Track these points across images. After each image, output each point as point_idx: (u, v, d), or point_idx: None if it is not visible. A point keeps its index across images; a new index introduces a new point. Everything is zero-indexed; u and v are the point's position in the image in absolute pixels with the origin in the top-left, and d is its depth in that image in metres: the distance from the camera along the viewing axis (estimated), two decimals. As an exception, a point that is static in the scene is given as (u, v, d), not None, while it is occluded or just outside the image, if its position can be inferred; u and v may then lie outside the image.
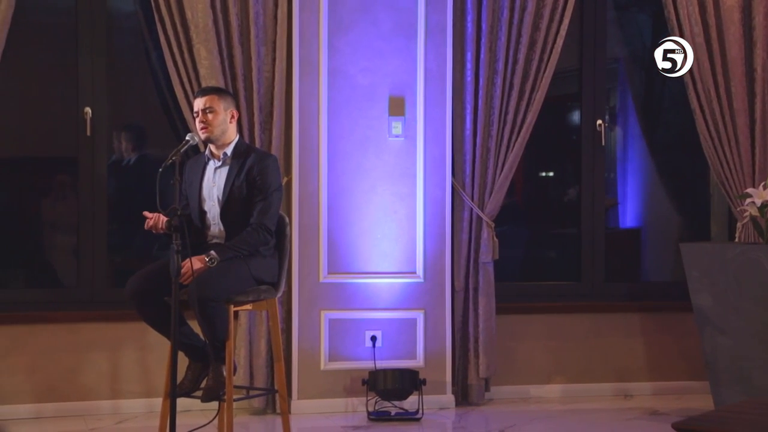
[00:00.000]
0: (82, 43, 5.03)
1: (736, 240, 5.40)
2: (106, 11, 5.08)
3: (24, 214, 5.39)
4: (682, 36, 5.33)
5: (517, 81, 5.18)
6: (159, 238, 5.26)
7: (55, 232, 5.40)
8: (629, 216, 6.25)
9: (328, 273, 5.03)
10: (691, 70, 5.34)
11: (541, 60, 5.20)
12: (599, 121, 5.60)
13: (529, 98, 5.20)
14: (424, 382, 4.97)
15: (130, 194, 5.41)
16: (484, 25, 5.15)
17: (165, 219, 3.94)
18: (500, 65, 5.17)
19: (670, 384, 5.54)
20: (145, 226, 4.04)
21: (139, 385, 4.98)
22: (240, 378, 4.85)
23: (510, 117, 5.19)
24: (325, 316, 5.03)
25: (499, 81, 5.17)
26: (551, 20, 5.21)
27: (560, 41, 5.21)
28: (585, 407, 5.25)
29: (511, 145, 5.21)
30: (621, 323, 5.54)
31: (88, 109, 5.01)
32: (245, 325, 4.95)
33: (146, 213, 4.04)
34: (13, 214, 5.38)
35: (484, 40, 5.15)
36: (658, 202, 6.28)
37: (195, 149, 4.32)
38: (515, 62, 5.19)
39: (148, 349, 4.93)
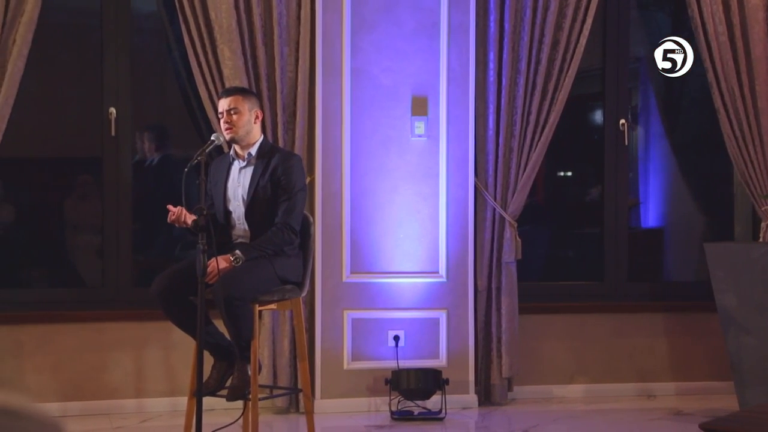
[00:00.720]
0: (106, 44, 5.06)
1: (761, 240, 5.37)
2: (130, 12, 5.10)
3: (49, 214, 5.43)
4: (705, 35, 5.31)
5: (539, 81, 5.18)
6: (182, 237, 5.28)
7: (80, 232, 5.43)
8: (651, 216, 6.23)
9: (351, 273, 5.04)
10: (714, 69, 5.32)
11: (564, 60, 5.19)
12: (622, 121, 5.58)
13: (552, 98, 5.20)
14: (447, 381, 4.96)
15: (153, 194, 5.43)
16: (506, 25, 5.14)
17: (188, 214, 3.96)
18: (523, 65, 5.16)
19: (694, 384, 5.52)
20: (168, 219, 4.04)
21: (163, 384, 5.00)
22: (263, 377, 4.86)
23: (533, 117, 5.19)
24: (348, 315, 5.04)
25: (521, 81, 5.17)
26: (574, 20, 5.20)
27: (583, 41, 5.20)
28: (608, 407, 5.23)
29: (534, 144, 5.20)
30: (644, 323, 5.53)
31: (112, 110, 5.03)
32: (268, 324, 4.96)
33: (170, 206, 4.03)
34: (38, 214, 5.42)
35: (506, 40, 5.15)
36: (681, 202, 6.25)
37: (219, 149, 4.33)
38: (538, 62, 5.18)
39: (172, 348, 4.95)
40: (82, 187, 5.38)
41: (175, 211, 4.00)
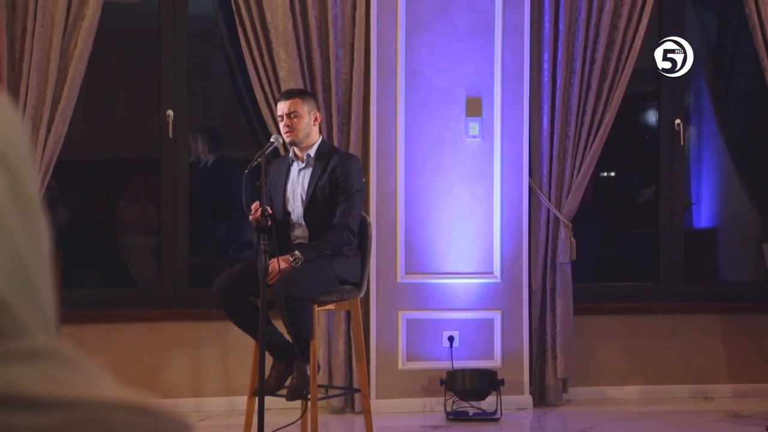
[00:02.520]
0: (164, 47, 5.12)
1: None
2: (187, 15, 5.16)
3: (108, 216, 5.51)
4: (763, 33, 5.25)
5: (594, 81, 5.15)
6: (237, 238, 5.32)
7: (137, 233, 5.51)
8: (704, 216, 6.18)
9: (406, 273, 5.06)
10: (772, 68, 5.26)
11: (619, 60, 5.16)
12: (677, 121, 5.54)
13: (607, 98, 5.17)
14: (502, 382, 4.96)
15: (207, 195, 5.49)
16: (561, 25, 5.13)
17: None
18: (578, 65, 5.14)
19: (751, 386, 5.45)
20: (251, 217, 3.94)
21: (220, 384, 5.05)
22: (319, 377, 4.89)
23: (587, 117, 5.17)
24: (403, 316, 5.06)
25: (576, 81, 5.15)
26: (629, 20, 5.17)
27: (638, 41, 5.17)
28: (664, 409, 5.20)
29: (589, 145, 5.18)
30: (700, 324, 5.47)
31: (170, 112, 5.09)
32: (324, 324, 4.99)
33: (256, 205, 3.91)
34: (97, 216, 5.50)
35: (561, 40, 5.13)
36: (734, 202, 6.19)
37: (276, 151, 4.37)
38: (593, 62, 5.16)
39: (229, 348, 5.00)
40: (138, 188, 5.45)
41: (257, 208, 3.88)
